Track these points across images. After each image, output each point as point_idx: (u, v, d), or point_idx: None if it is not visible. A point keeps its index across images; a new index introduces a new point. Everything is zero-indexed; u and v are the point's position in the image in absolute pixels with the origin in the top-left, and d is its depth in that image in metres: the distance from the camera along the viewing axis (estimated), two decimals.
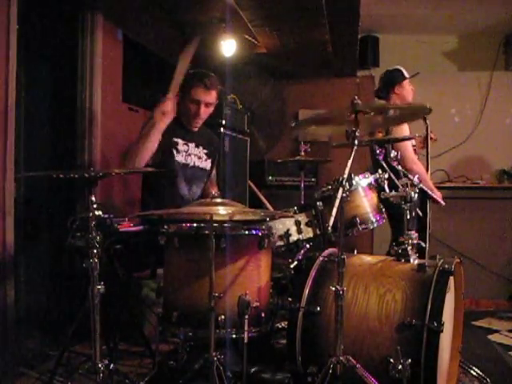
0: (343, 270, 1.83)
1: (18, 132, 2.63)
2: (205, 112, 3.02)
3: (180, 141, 3.02)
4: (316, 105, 5.07)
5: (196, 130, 3.09)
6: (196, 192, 3.09)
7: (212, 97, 3.01)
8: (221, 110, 3.95)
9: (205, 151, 3.15)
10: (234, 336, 2.07)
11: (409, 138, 3.31)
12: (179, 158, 3.01)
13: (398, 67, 3.69)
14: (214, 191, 3.05)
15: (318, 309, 2.01)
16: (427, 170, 3.51)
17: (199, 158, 3.13)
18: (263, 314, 2.15)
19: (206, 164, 3.17)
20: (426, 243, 3.04)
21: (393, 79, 3.65)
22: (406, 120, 2.77)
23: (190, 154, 3.07)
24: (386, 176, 2.56)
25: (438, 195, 3.31)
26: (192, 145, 3.08)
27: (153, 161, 2.86)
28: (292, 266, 2.64)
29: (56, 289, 3.13)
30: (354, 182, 2.52)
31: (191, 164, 3.08)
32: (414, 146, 3.62)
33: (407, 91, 3.66)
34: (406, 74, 3.67)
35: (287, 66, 4.98)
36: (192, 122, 3.04)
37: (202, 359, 1.95)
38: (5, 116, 2.48)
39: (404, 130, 3.37)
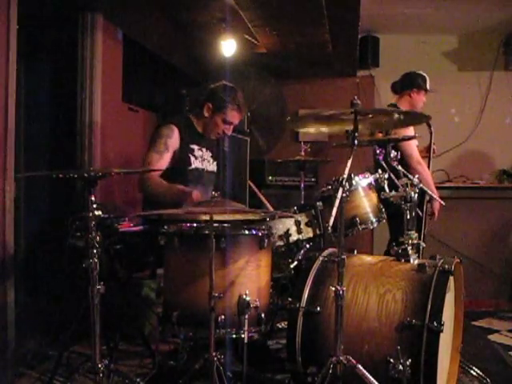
0: (343, 270, 1.82)
1: (17, 132, 2.63)
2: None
3: (196, 147, 3.03)
4: (316, 105, 5.07)
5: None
6: (209, 194, 3.10)
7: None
8: None
9: (211, 154, 3.17)
10: (233, 336, 2.08)
11: (409, 138, 3.30)
12: (197, 164, 3.03)
13: (425, 75, 3.70)
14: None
15: (318, 309, 2.01)
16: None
17: (209, 161, 3.14)
18: (263, 314, 2.15)
19: (214, 166, 3.20)
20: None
21: (415, 82, 3.65)
22: (406, 124, 2.77)
23: (204, 159, 3.09)
24: (386, 176, 2.56)
25: (437, 202, 3.31)
26: (204, 149, 3.09)
27: (169, 166, 2.87)
28: (292, 266, 2.65)
29: (56, 289, 3.12)
30: (353, 182, 2.52)
31: (206, 169, 3.09)
32: (416, 146, 3.63)
33: (420, 100, 3.67)
34: (428, 86, 3.69)
35: (287, 65, 4.98)
36: (213, 134, 3.06)
37: (202, 359, 1.95)
38: (5, 116, 2.48)
39: (409, 129, 3.37)
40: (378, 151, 2.62)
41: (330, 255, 2.20)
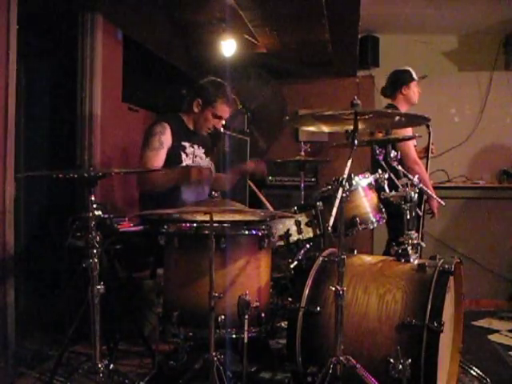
0: (343, 269, 1.82)
1: (18, 132, 2.63)
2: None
3: (187, 144, 3.03)
4: (316, 105, 5.06)
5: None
6: (206, 191, 3.09)
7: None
8: None
9: (203, 150, 3.17)
10: (233, 336, 2.08)
11: (409, 138, 3.30)
12: (188, 161, 3.03)
13: (407, 68, 3.68)
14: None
15: (318, 309, 2.01)
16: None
17: (201, 158, 3.15)
18: (263, 314, 2.15)
19: (206, 163, 3.19)
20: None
21: (401, 80, 3.64)
22: (405, 125, 2.77)
23: (196, 156, 3.10)
24: (386, 176, 2.56)
25: (436, 202, 3.30)
26: (196, 146, 3.10)
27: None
28: (292, 266, 2.64)
29: (56, 289, 3.13)
30: (353, 182, 2.51)
31: (198, 165, 3.09)
32: (415, 146, 3.63)
33: (413, 93, 3.66)
34: (415, 76, 3.67)
35: (287, 66, 4.97)
36: (204, 130, 3.07)
37: (202, 359, 1.95)
38: (5, 116, 2.48)
39: (406, 129, 3.37)
40: (377, 151, 2.62)
41: (330, 255, 2.20)
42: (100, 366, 1.89)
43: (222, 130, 3.90)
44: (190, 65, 4.76)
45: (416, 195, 2.29)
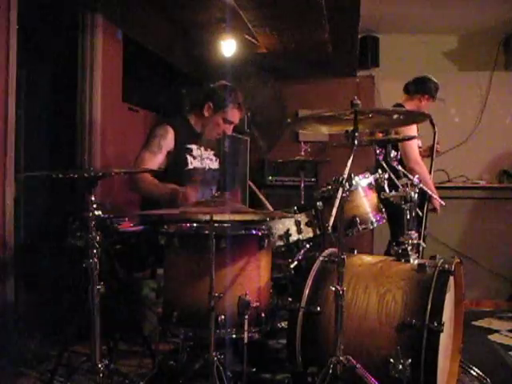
0: (343, 269, 1.82)
1: (18, 132, 2.63)
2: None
3: (194, 146, 3.04)
4: (316, 105, 5.06)
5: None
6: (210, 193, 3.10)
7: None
8: None
9: (212, 152, 3.18)
10: (233, 336, 2.08)
11: (409, 138, 3.30)
12: (196, 163, 3.03)
13: (438, 84, 3.75)
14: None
15: (318, 309, 2.01)
16: (430, 174, 3.51)
17: (210, 160, 3.16)
18: (263, 314, 2.15)
19: (217, 164, 3.21)
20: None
21: (430, 89, 3.71)
22: (405, 123, 2.77)
23: (204, 158, 3.11)
24: (386, 176, 2.56)
25: (437, 200, 3.30)
26: (203, 148, 3.11)
27: (165, 167, 2.88)
28: (292, 266, 2.64)
29: (56, 289, 3.12)
30: (353, 182, 2.51)
31: (207, 167, 3.10)
32: (420, 147, 3.62)
33: (427, 107, 3.72)
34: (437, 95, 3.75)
35: (287, 65, 4.97)
36: (214, 135, 3.07)
37: (202, 359, 1.95)
38: (5, 116, 2.48)
39: (411, 129, 3.36)
40: (377, 151, 2.62)
41: (330, 255, 2.20)
42: (100, 366, 1.89)
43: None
44: (190, 65, 4.76)
45: (416, 195, 2.29)
